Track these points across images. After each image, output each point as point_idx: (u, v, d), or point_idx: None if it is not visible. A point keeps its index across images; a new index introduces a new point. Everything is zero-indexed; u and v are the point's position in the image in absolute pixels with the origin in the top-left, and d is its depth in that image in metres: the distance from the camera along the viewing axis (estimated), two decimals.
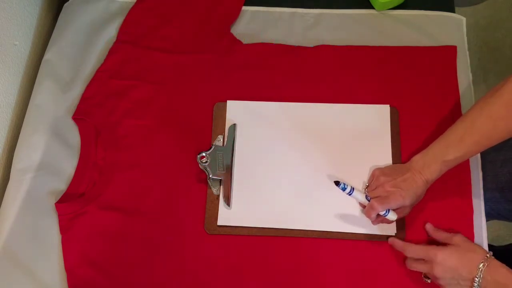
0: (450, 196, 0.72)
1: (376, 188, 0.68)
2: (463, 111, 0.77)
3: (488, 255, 0.61)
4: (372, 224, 0.70)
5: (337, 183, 0.69)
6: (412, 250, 0.66)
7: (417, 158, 0.66)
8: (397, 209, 0.66)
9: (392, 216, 0.66)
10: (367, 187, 0.71)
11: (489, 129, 0.61)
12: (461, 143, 0.63)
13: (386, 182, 0.66)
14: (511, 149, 0.78)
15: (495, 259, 0.61)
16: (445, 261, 0.61)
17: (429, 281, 0.65)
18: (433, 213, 0.71)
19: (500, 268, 0.60)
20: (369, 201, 0.67)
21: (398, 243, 0.68)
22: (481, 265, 0.60)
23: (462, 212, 0.71)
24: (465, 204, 0.71)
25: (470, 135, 0.62)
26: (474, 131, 0.62)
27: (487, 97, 0.62)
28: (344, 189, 0.69)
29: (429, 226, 0.69)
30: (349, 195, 0.69)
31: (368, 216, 0.67)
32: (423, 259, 0.64)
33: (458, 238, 0.65)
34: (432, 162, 0.64)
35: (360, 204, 0.71)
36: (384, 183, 0.66)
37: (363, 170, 0.73)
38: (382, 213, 0.65)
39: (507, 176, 0.77)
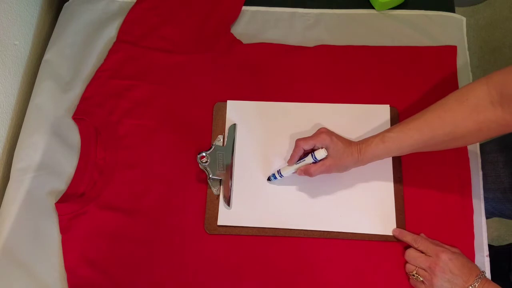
0: (450, 196, 0.72)
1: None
2: None
3: (484, 272, 0.63)
4: (371, 224, 0.70)
5: (269, 179, 0.73)
6: (422, 243, 0.66)
7: None
8: (322, 160, 0.67)
9: (319, 155, 0.66)
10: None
11: (434, 118, 0.62)
12: (406, 125, 0.64)
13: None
14: (510, 149, 0.78)
15: (489, 279, 0.64)
16: (448, 263, 0.62)
17: (420, 278, 0.65)
18: (433, 213, 0.71)
19: (493, 284, 0.62)
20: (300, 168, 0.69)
21: (407, 234, 0.69)
22: (477, 278, 0.61)
23: (462, 212, 0.71)
24: (465, 204, 0.72)
25: (417, 120, 0.63)
26: (421, 117, 0.63)
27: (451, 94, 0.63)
28: (275, 179, 0.72)
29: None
30: (282, 176, 0.71)
31: (305, 171, 0.68)
32: (425, 254, 0.65)
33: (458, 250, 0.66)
34: (375, 135, 0.66)
35: (301, 171, 0.70)
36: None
37: (363, 170, 0.73)
38: (310, 161, 0.67)
39: (510, 178, 0.77)
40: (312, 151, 0.68)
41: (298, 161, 0.70)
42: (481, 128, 0.59)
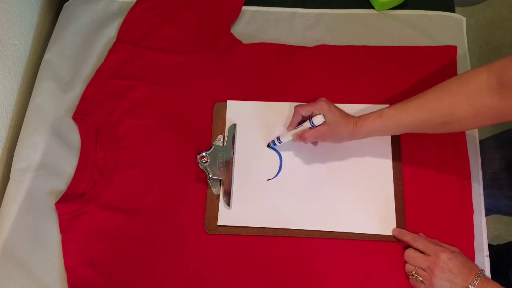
0: (450, 196, 0.72)
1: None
2: None
3: (483, 271, 0.63)
4: (371, 224, 0.70)
5: (268, 146, 0.75)
6: (421, 242, 0.67)
7: None
8: (318, 125, 0.67)
9: (317, 120, 0.67)
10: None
11: (433, 99, 0.62)
12: (405, 103, 0.64)
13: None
14: (507, 146, 0.78)
15: (488, 277, 0.64)
16: (447, 262, 0.63)
17: (419, 278, 0.65)
18: (433, 213, 0.71)
19: (492, 282, 0.62)
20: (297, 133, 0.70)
21: (406, 233, 0.69)
22: (477, 276, 0.62)
23: (462, 212, 0.71)
24: (465, 204, 0.72)
25: (416, 100, 0.63)
26: (421, 97, 0.63)
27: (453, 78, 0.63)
28: (275, 145, 0.74)
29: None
30: (281, 142, 0.73)
31: (302, 137, 0.69)
32: (424, 254, 0.65)
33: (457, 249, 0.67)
34: (373, 111, 0.66)
35: (297, 136, 0.71)
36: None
37: (362, 169, 0.73)
38: (308, 126, 0.68)
39: (506, 174, 0.77)
40: (310, 117, 0.69)
41: (296, 126, 0.71)
42: (479, 113, 0.59)
